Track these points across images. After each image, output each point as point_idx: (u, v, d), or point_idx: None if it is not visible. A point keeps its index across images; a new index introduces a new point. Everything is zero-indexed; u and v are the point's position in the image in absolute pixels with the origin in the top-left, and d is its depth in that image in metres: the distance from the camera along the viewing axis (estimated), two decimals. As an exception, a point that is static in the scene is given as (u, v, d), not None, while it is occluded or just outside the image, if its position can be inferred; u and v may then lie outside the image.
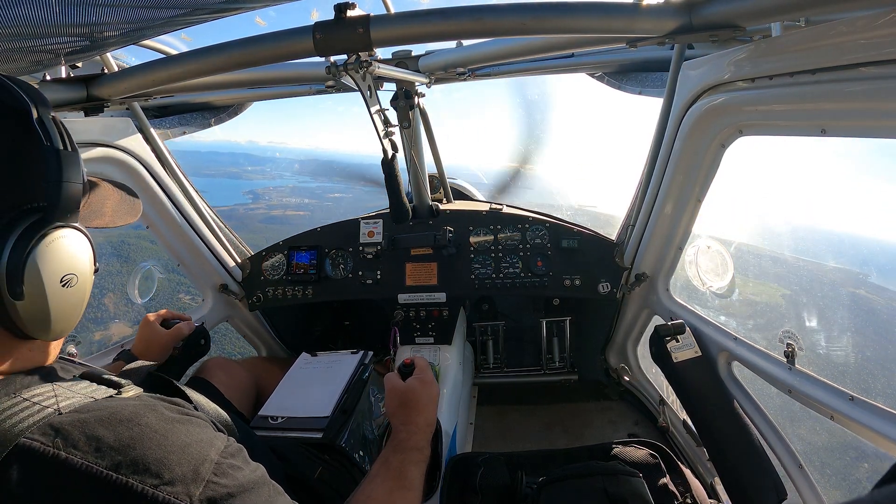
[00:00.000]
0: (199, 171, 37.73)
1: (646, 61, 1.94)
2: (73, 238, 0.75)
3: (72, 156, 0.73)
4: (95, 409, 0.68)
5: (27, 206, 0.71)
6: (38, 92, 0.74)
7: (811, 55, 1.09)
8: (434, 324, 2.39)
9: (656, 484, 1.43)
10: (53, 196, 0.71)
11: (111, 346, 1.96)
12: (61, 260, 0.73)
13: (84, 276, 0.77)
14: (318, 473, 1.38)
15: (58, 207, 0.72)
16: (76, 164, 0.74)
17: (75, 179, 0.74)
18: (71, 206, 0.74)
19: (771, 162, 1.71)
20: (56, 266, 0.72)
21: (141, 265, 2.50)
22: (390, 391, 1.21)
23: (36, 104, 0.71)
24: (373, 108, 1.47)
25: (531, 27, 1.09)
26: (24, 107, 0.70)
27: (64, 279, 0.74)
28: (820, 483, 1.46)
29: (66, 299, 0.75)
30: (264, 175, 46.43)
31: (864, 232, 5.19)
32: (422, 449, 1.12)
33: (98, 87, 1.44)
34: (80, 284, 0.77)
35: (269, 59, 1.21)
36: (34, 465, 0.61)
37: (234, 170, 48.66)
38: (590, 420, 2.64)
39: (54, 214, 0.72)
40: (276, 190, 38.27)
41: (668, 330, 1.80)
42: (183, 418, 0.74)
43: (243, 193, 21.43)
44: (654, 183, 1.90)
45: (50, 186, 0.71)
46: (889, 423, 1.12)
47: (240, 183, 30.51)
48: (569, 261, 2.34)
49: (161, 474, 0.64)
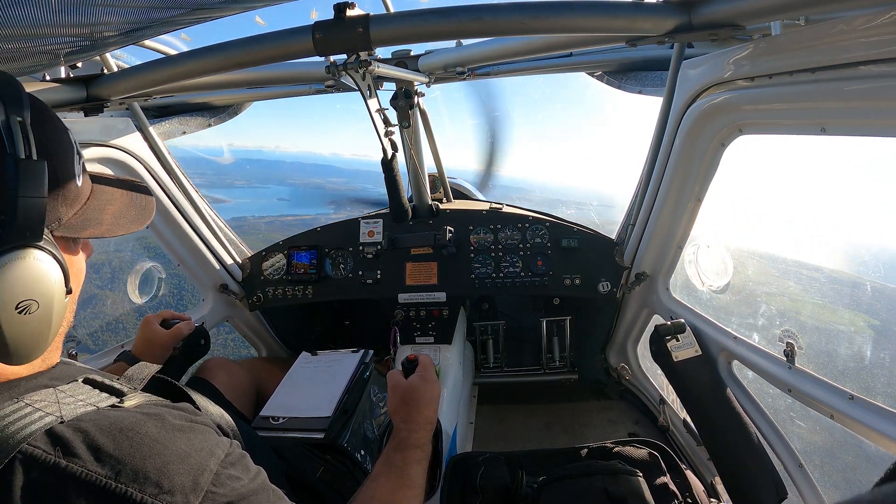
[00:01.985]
0: (283, 181, 37.53)
1: (645, 60, 1.94)
2: (31, 260, 0.68)
3: (36, 165, 0.66)
4: (97, 418, 0.68)
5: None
6: (16, 90, 0.68)
7: (811, 54, 1.09)
8: (434, 323, 2.39)
9: (656, 483, 1.43)
10: (8, 212, 0.64)
11: (111, 347, 1.96)
12: (15, 286, 0.66)
13: (47, 300, 0.71)
14: (320, 473, 1.39)
15: (13, 225, 0.65)
16: (41, 174, 0.67)
17: (36, 193, 0.66)
18: (31, 222, 0.67)
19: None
20: (8, 292, 0.66)
21: (141, 264, 2.50)
22: (393, 388, 1.21)
23: (4, 103, 0.64)
24: (373, 107, 1.47)
25: (531, 27, 1.09)
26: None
27: (20, 306, 0.67)
28: (820, 482, 1.47)
29: (25, 326, 0.68)
30: (347, 186, 46.59)
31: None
32: (423, 447, 1.12)
33: (98, 87, 1.43)
34: (44, 310, 0.70)
35: (269, 59, 1.21)
36: (35, 473, 0.61)
37: (318, 181, 48.42)
38: (590, 420, 2.64)
39: (10, 234, 0.65)
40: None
41: (668, 329, 1.80)
42: (185, 426, 0.75)
43: (327, 204, 21.29)
44: (653, 182, 1.89)
45: (4, 201, 0.64)
46: (889, 422, 1.12)
47: (323, 193, 30.26)
48: (569, 260, 2.34)
49: (161, 483, 0.65)
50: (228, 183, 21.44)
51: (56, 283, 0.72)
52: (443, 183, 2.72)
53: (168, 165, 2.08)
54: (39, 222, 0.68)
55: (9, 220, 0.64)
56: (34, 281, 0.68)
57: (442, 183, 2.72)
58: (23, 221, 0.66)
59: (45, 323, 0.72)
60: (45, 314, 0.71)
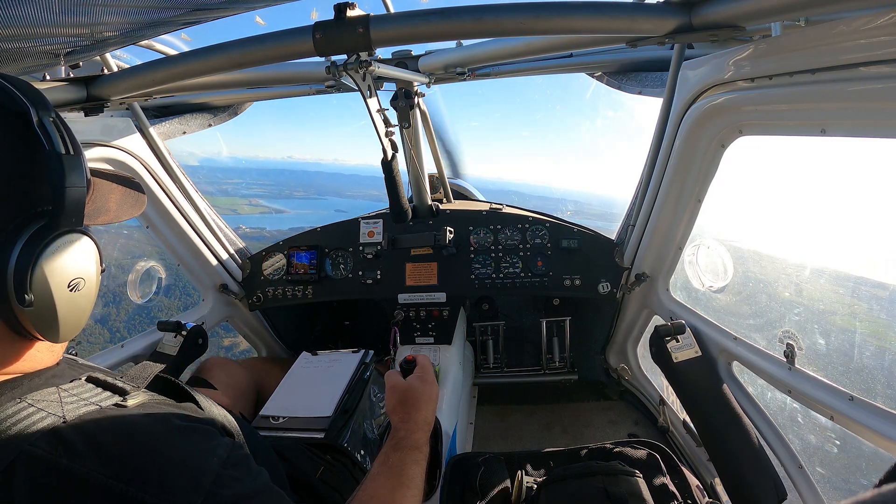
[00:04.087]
0: (341, 192, 37.51)
1: (646, 61, 1.94)
2: (79, 242, 0.75)
3: (74, 159, 0.73)
4: (99, 418, 0.69)
5: (32, 211, 0.71)
6: (39, 93, 0.73)
7: (811, 55, 1.09)
8: (434, 324, 2.39)
9: (656, 484, 1.43)
10: (57, 202, 0.71)
11: (112, 347, 1.96)
12: (68, 265, 0.73)
13: (91, 278, 0.78)
14: (320, 473, 1.38)
15: (63, 213, 0.71)
16: (79, 166, 0.73)
17: (78, 183, 0.73)
18: (75, 209, 0.74)
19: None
20: (63, 272, 0.72)
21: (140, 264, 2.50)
22: (390, 388, 1.21)
23: (36, 107, 0.70)
24: (373, 108, 1.47)
25: (531, 27, 1.09)
26: (23, 110, 0.69)
27: (71, 284, 0.74)
28: (820, 483, 1.47)
29: (75, 303, 0.75)
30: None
31: None
32: (421, 447, 1.12)
33: (98, 87, 1.43)
34: (88, 287, 0.78)
35: (269, 59, 1.21)
36: (37, 473, 0.61)
37: (375, 192, 48.67)
38: (590, 420, 2.64)
39: (59, 220, 0.71)
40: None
41: (668, 330, 1.80)
42: (188, 426, 0.75)
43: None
44: (653, 182, 1.89)
45: (54, 192, 0.70)
46: (889, 422, 1.12)
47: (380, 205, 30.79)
48: (569, 260, 2.34)
49: (162, 484, 0.65)
50: (287, 194, 21.74)
51: (96, 262, 0.79)
52: (443, 183, 2.72)
53: (168, 165, 2.08)
54: (81, 209, 0.75)
55: (58, 209, 0.71)
56: (81, 260, 0.76)
57: (442, 183, 2.72)
58: (69, 210, 0.72)
59: (89, 299, 0.79)
60: (90, 291, 0.79)
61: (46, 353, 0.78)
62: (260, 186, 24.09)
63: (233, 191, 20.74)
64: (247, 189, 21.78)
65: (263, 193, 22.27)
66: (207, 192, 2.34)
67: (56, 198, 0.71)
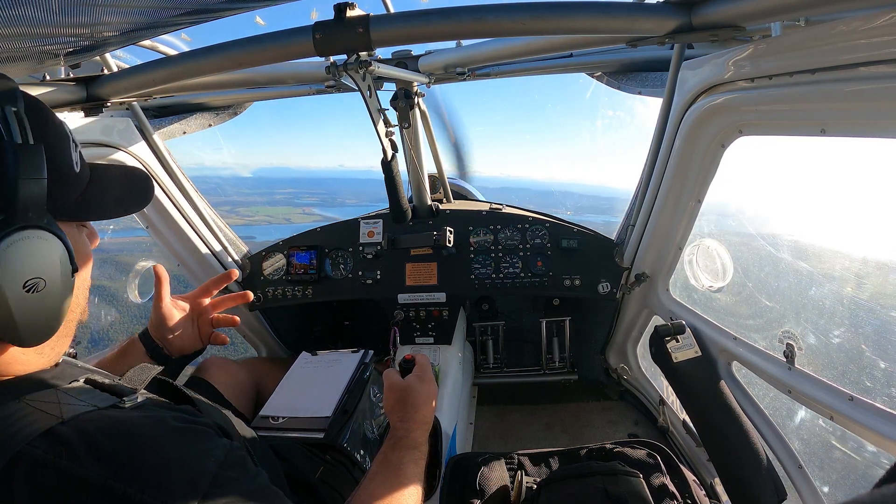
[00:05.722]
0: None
1: (646, 61, 1.94)
2: (37, 240, 0.69)
3: (32, 149, 0.68)
4: (98, 419, 0.69)
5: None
6: (7, 83, 0.69)
7: (811, 55, 1.09)
8: (434, 324, 2.39)
9: (656, 484, 1.43)
10: (10, 196, 0.66)
11: (112, 347, 1.96)
12: (20, 265, 0.67)
13: (54, 278, 0.72)
14: (319, 474, 1.38)
15: (15, 208, 0.66)
16: (38, 158, 0.68)
17: (36, 175, 0.68)
18: (32, 204, 0.68)
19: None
20: (15, 272, 0.67)
21: (141, 264, 2.50)
22: (389, 388, 1.21)
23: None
24: (373, 108, 1.47)
25: (531, 27, 1.09)
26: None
27: (28, 284, 0.68)
28: (820, 483, 1.47)
29: (36, 304, 0.70)
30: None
31: None
32: (419, 446, 1.12)
33: (98, 87, 1.44)
34: (52, 288, 0.72)
35: (269, 59, 1.21)
36: (36, 473, 0.61)
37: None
38: (590, 420, 2.64)
39: (13, 216, 0.66)
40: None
41: (668, 330, 1.80)
42: (186, 428, 0.75)
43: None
44: (653, 183, 1.89)
45: (5, 185, 0.65)
46: (888, 422, 1.12)
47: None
48: (569, 261, 2.34)
49: (160, 484, 0.65)
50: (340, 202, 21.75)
51: (61, 260, 0.73)
52: (443, 183, 2.72)
53: (168, 165, 2.08)
54: (40, 204, 0.70)
55: (11, 203, 0.66)
56: (39, 259, 0.70)
57: (442, 183, 2.72)
58: (24, 203, 0.67)
59: (54, 300, 0.73)
60: (53, 291, 0.72)
61: (34, 355, 0.76)
62: (313, 195, 24.08)
63: (286, 200, 20.64)
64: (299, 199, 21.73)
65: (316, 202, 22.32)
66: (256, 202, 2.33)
67: (7, 191, 0.66)
